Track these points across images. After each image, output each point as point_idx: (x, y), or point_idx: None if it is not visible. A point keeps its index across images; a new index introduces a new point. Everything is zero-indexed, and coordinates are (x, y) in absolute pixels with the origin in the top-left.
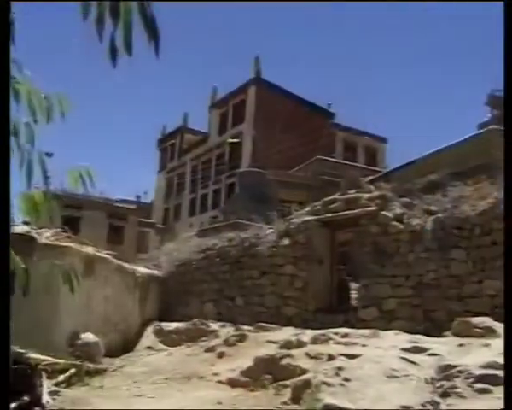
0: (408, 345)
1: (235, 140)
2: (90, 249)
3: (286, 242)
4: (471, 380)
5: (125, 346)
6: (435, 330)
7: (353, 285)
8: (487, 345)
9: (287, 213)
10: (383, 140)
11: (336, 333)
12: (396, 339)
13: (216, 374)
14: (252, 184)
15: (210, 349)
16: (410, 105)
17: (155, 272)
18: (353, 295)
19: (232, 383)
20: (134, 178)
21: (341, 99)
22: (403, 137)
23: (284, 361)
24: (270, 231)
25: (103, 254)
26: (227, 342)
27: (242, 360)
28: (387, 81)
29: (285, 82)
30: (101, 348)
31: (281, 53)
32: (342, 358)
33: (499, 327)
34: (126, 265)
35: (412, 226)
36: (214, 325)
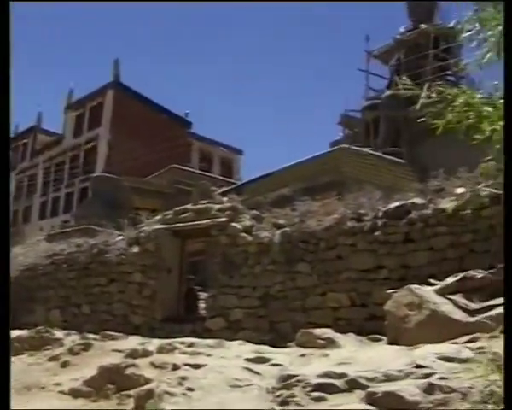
0: (252, 355)
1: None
2: None
3: (135, 249)
4: (309, 389)
5: None
6: (280, 341)
7: (203, 295)
8: (327, 355)
9: (139, 221)
10: (239, 152)
11: (182, 343)
12: (241, 349)
13: (58, 384)
14: (105, 189)
15: (53, 358)
16: (268, 119)
17: None
18: (202, 304)
19: (74, 394)
20: None
21: (199, 109)
22: (259, 150)
23: (128, 371)
24: (121, 238)
25: None
26: (71, 351)
27: (86, 369)
28: (245, 93)
29: (144, 88)
30: None
31: (143, 59)
32: (187, 367)
33: (339, 338)
34: None
35: (260, 239)
36: (59, 333)
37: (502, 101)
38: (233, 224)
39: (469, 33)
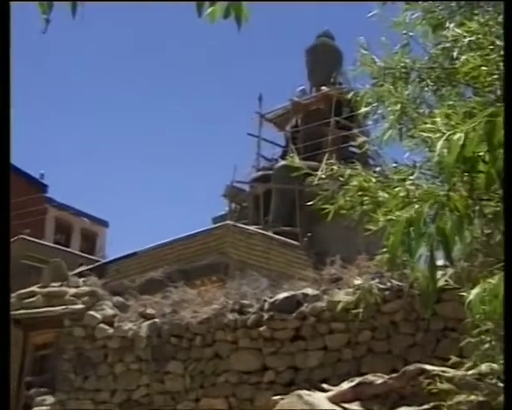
0: None
1: None
2: None
3: None
4: None
5: None
6: None
7: (49, 400)
8: None
9: None
10: (105, 224)
11: None
12: None
13: None
14: None
15: None
16: (143, 188)
17: None
18: None
19: None
20: None
21: (57, 171)
22: (127, 224)
23: None
24: None
25: None
26: None
27: None
28: (115, 157)
29: None
30: None
31: None
32: None
33: None
34: None
35: (124, 331)
36: None
37: (397, 188)
38: (91, 313)
39: (367, 108)
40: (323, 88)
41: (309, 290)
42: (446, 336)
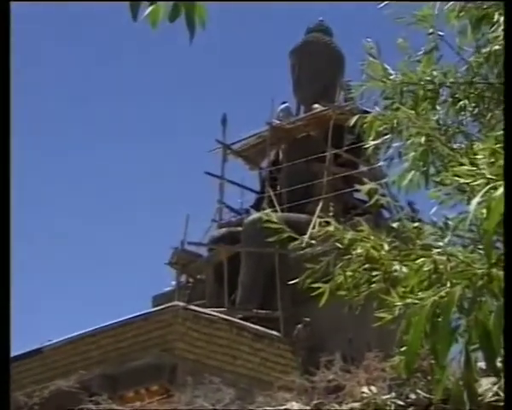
0: None
1: None
2: None
3: None
4: None
5: None
6: None
7: None
8: None
9: None
10: None
11: None
12: None
13: None
14: None
15: None
16: (42, 248)
17: None
18: None
19: None
20: None
21: None
22: (27, 306)
23: None
24: None
25: None
26: None
27: None
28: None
29: None
30: None
31: None
32: None
33: None
34: None
35: None
36: None
37: (421, 259)
38: None
39: (378, 141)
40: (316, 106)
41: (295, 405)
42: None
